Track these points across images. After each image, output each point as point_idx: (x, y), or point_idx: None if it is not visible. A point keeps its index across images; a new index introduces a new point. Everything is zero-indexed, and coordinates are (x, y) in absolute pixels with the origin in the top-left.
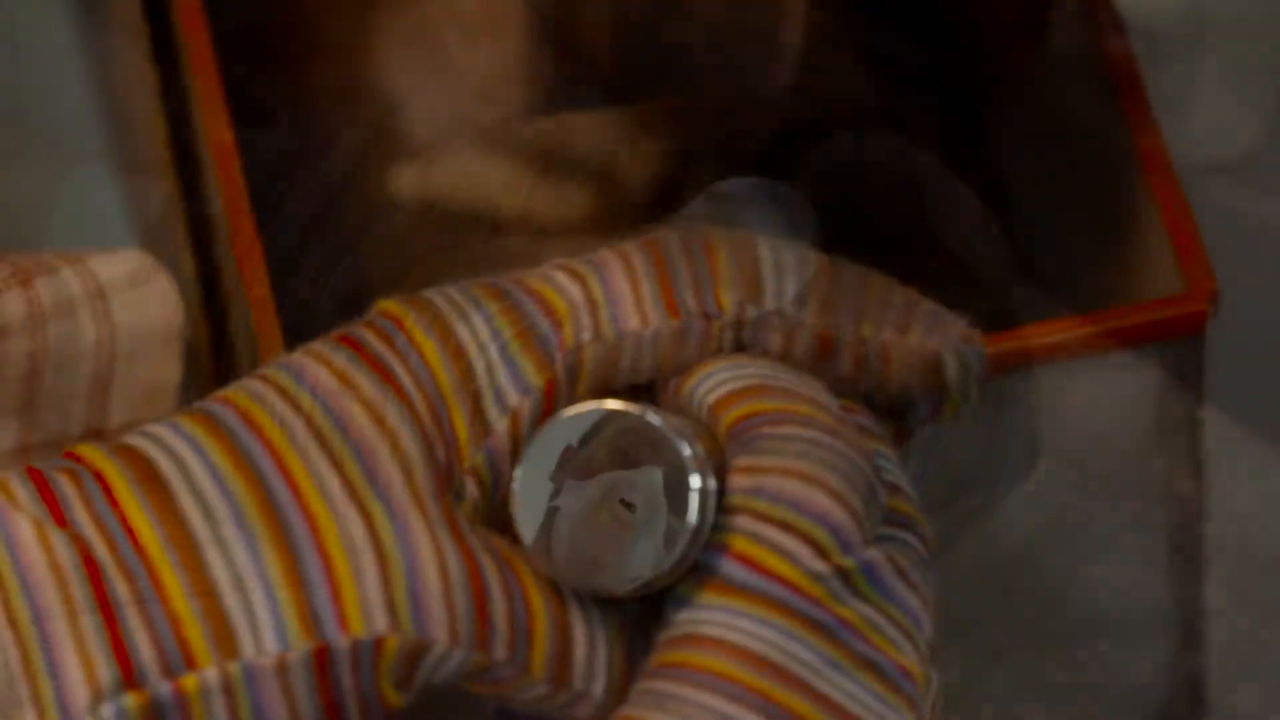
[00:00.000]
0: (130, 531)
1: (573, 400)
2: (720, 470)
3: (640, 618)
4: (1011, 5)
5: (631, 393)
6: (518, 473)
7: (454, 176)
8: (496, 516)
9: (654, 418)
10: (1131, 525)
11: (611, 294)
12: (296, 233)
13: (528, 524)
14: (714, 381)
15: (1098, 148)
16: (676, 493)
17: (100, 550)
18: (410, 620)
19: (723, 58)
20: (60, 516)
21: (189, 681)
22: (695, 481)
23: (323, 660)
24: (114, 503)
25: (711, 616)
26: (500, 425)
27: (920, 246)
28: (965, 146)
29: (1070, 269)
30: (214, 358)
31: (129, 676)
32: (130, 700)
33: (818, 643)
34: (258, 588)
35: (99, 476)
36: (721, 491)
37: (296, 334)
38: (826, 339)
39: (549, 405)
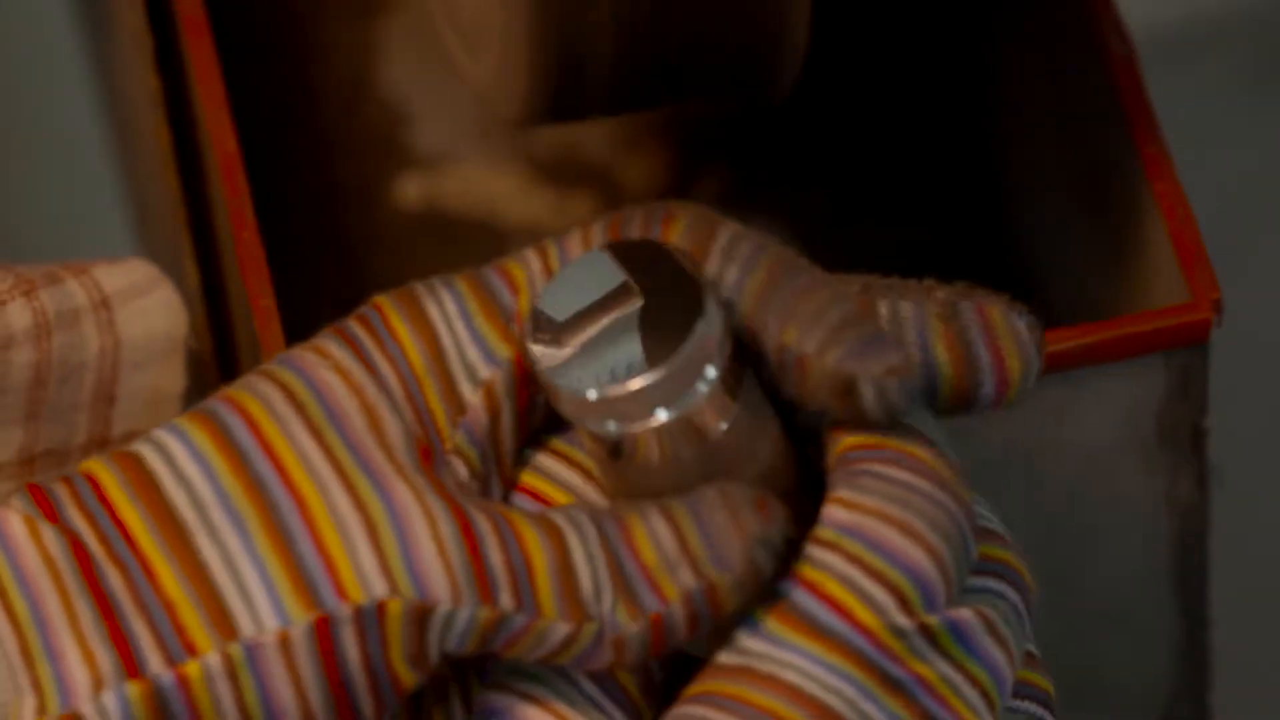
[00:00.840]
0: (119, 523)
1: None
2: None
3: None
4: (1015, 13)
5: None
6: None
7: (458, 185)
8: (487, 494)
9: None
10: (1134, 535)
11: (567, 261)
12: (301, 242)
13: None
14: None
15: (1101, 155)
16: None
17: (90, 541)
18: (408, 582)
19: (727, 65)
20: (52, 513)
21: (191, 668)
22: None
23: (325, 631)
24: (103, 498)
25: (788, 657)
26: (475, 400)
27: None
28: (970, 153)
29: (1074, 277)
30: (218, 367)
31: (130, 665)
32: (132, 689)
33: (890, 702)
34: (250, 567)
35: (89, 477)
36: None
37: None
38: (751, 333)
39: (520, 374)
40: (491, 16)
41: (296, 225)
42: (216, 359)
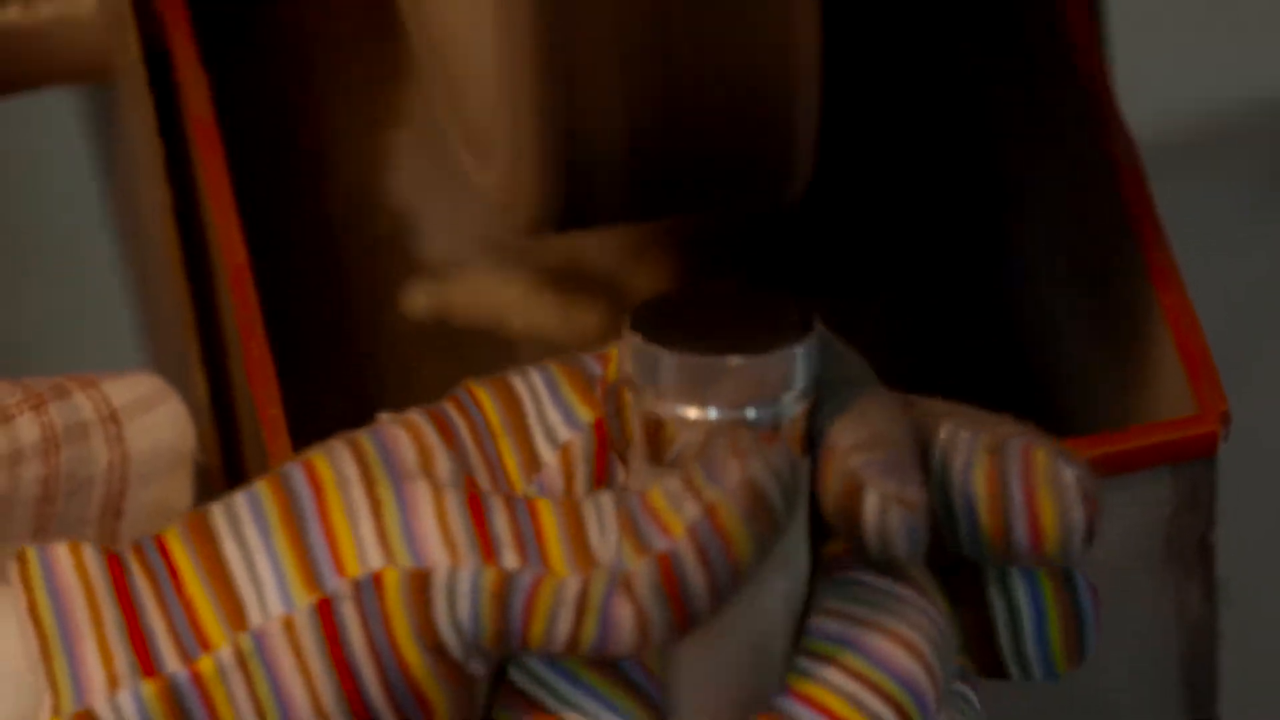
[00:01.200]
0: (159, 542)
1: (622, 436)
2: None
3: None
4: (1022, 120)
5: None
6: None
7: (466, 294)
8: None
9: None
10: (1142, 650)
11: None
12: (309, 350)
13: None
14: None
15: (1107, 265)
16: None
17: (127, 555)
18: (405, 549)
19: (738, 175)
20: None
21: (204, 663)
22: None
23: (327, 612)
24: (156, 536)
25: None
26: (551, 460)
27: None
28: (977, 262)
29: (1080, 388)
30: (226, 479)
31: (146, 664)
32: (147, 688)
33: None
34: (264, 559)
35: (157, 535)
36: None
37: None
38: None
39: (601, 440)
40: (501, 126)
41: (304, 333)
42: (224, 471)
